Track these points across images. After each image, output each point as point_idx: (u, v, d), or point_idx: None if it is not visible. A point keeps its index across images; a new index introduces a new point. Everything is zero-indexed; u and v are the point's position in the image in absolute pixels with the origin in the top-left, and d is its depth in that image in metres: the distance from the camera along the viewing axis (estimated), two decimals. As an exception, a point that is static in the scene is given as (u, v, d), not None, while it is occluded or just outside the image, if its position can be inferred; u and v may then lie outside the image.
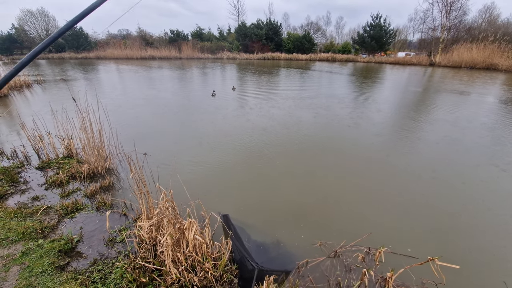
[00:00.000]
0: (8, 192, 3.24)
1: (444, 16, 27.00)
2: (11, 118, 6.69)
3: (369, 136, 5.52)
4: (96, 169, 3.68)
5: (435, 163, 4.25)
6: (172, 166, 3.87)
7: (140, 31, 41.27)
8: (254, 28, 38.67)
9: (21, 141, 4.70)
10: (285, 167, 4.09)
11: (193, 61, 30.79)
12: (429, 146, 4.99)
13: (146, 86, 12.46)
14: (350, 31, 55.91)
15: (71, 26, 1.06)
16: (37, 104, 8.25)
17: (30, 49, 37.96)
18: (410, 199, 3.27)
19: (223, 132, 5.69)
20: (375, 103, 8.75)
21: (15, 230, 2.51)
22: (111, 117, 4.51)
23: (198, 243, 2.06)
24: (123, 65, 24.85)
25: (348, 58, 36.63)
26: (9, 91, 10.59)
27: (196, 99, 9.36)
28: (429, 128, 6.13)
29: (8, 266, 2.11)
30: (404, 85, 13.47)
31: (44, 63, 27.27)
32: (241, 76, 16.69)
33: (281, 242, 2.54)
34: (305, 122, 6.41)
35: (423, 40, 31.61)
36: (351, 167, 4.12)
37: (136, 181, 2.36)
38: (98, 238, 2.48)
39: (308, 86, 12.61)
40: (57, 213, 2.82)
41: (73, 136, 4.32)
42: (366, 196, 3.33)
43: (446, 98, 9.68)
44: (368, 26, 37.34)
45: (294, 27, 51.15)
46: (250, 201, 3.21)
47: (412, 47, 46.05)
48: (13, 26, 37.21)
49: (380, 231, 2.67)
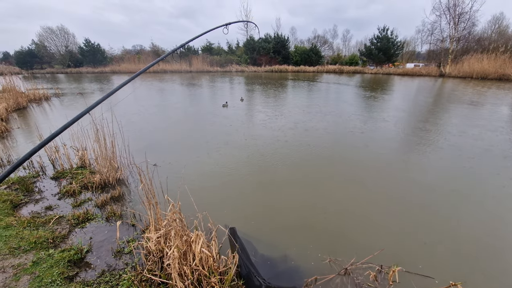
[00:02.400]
0: (23, 202, 3.34)
1: (452, 28, 26.94)
2: (29, 130, 7.01)
3: (380, 147, 5.43)
4: (108, 180, 3.77)
5: (452, 177, 4.10)
6: (181, 177, 3.91)
7: (153, 46, 43.24)
8: (262, 42, 39.75)
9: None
10: (293, 179, 4.06)
11: (203, 74, 31.70)
12: (445, 158, 4.85)
13: (157, 98, 12.86)
14: (357, 44, 56.56)
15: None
16: (54, 116, 8.64)
17: (49, 64, 40.38)
18: (426, 215, 3.15)
19: (232, 143, 5.74)
20: (386, 114, 8.65)
21: (27, 239, 2.57)
22: (123, 129, 4.65)
23: (204, 257, 2.04)
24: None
25: (356, 69, 36.79)
26: (28, 103, 11.16)
27: (206, 110, 9.56)
28: (445, 139, 5.97)
29: (18, 276, 2.14)
30: (414, 95, 13.31)
31: (62, 77, 28.75)
32: (249, 89, 17.00)
33: (289, 257, 2.48)
34: (314, 134, 6.40)
35: (431, 51, 31.47)
36: (362, 180, 4.04)
37: (146, 192, 2.40)
38: (106, 249, 2.50)
39: (316, 97, 12.66)
40: (68, 222, 2.88)
41: (87, 147, 4.48)
42: (378, 210, 3.23)
43: (459, 109, 9.47)
44: (375, 39, 37.69)
45: (301, 40, 52.27)
46: (258, 214, 3.18)
47: (421, 58, 45.87)
48: (33, 42, 39.74)
49: (393, 247, 2.57)
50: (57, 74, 34.31)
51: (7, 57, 43.87)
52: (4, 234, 2.62)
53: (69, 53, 39.77)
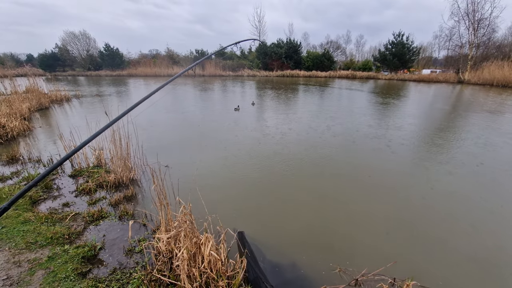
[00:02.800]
0: (42, 198, 3.49)
1: (471, 34, 26.03)
2: (50, 129, 7.36)
3: (394, 158, 5.28)
4: (122, 179, 3.88)
5: (472, 189, 3.92)
6: (192, 179, 3.96)
7: (168, 50, 44.53)
8: (274, 47, 40.02)
9: (57, 150, 5.12)
10: (305, 187, 4.01)
11: (215, 78, 32.23)
12: (465, 170, 4.64)
13: (171, 101, 13.18)
14: (370, 49, 55.76)
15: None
16: (74, 117, 9.04)
17: (71, 67, 42.44)
18: (443, 229, 3.01)
19: (244, 147, 5.77)
20: (401, 121, 8.43)
21: (44, 234, 2.67)
22: (138, 130, 4.80)
23: (213, 260, 2.05)
24: (152, 82, 26.66)
25: (369, 75, 36.18)
26: (50, 104, 11.75)
27: (218, 114, 9.68)
28: (464, 151, 5.73)
29: (33, 270, 2.21)
30: (432, 103, 12.90)
31: (83, 80, 30.10)
32: (261, 93, 17.09)
33: (297, 264, 2.44)
34: (326, 142, 6.32)
35: (449, 57, 30.52)
36: (375, 190, 3.93)
37: (158, 193, 2.45)
38: (118, 247, 2.56)
39: (327, 103, 12.54)
40: (83, 219, 2.98)
41: (103, 147, 4.64)
42: (391, 222, 3.13)
43: (480, 118, 9.08)
44: (389, 44, 37.00)
45: (313, 46, 52.15)
46: (267, 220, 3.16)
47: (438, 64, 44.52)
48: (56, 45, 41.95)
49: (407, 261, 2.47)
50: (78, 77, 35.98)
51: (31, 59, 46.48)
52: (22, 229, 2.73)
53: (89, 57, 41.69)
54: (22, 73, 28.87)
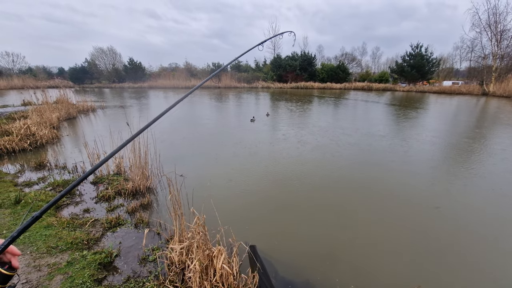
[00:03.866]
0: (65, 203, 3.67)
1: (495, 45, 24.99)
2: (76, 137, 7.83)
3: (415, 177, 5.02)
4: (139, 187, 4.00)
5: (501, 212, 3.63)
6: (206, 189, 4.00)
7: (186, 64, 46.57)
8: (288, 59, 40.62)
9: (82, 158, 5.41)
10: (321, 204, 3.87)
11: (230, 90, 33.04)
12: (492, 191, 4.33)
13: (188, 112, 13.62)
14: (387, 61, 54.96)
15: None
16: (98, 126, 9.57)
17: (98, 80, 45.48)
18: (467, 255, 2.79)
19: (259, 159, 5.77)
20: (421, 135, 8.09)
21: (65, 239, 2.77)
22: (156, 140, 4.97)
23: (225, 273, 2.02)
24: (170, 93, 27.83)
25: (386, 87, 35.46)
26: (78, 114, 12.56)
27: (233, 125, 9.84)
28: (490, 168, 5.37)
29: (52, 275, 2.26)
30: (460, 116, 12.32)
31: (107, 91, 32.03)
32: (275, 104, 17.22)
33: (311, 283, 2.34)
34: (342, 155, 6.19)
35: (472, 69, 29.31)
36: (395, 211, 3.71)
37: (173, 202, 2.50)
38: (133, 255, 2.60)
39: (342, 116, 12.36)
40: (102, 226, 3.08)
41: (123, 156, 4.84)
42: (411, 247, 2.94)
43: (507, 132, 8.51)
44: (407, 56, 36.33)
45: (328, 58, 52.38)
46: (281, 235, 3.09)
47: (460, 76, 42.84)
48: (86, 60, 45.37)
49: (429, 285, 2.29)
50: (103, 89, 38.36)
51: (62, 72, 50.37)
52: (44, 234, 2.85)
53: (115, 70, 44.55)
54: (54, 85, 31.34)
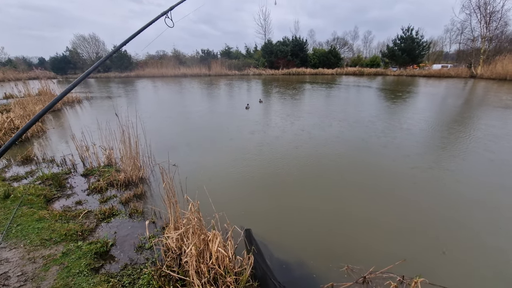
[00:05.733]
0: (56, 196, 3.62)
1: (484, 27, 25.16)
2: (63, 130, 7.59)
3: (403, 154, 5.18)
4: (131, 178, 3.97)
5: (481, 186, 3.82)
6: (200, 177, 4.02)
7: (174, 51, 44.95)
8: (279, 45, 39.79)
9: (70, 150, 5.28)
10: (312, 185, 4.00)
11: (221, 78, 32.37)
12: (475, 166, 4.52)
13: (178, 101, 13.34)
14: (378, 45, 54.69)
15: (116, 50, 1.23)
16: (85, 118, 9.28)
17: (82, 70, 43.53)
18: (452, 226, 2.95)
19: (252, 145, 5.79)
20: (411, 118, 8.26)
21: (59, 231, 2.76)
22: (146, 130, 4.89)
23: (221, 256, 2.08)
24: (159, 82, 27.04)
25: (377, 71, 35.51)
26: (63, 106, 12.09)
27: (225, 112, 9.74)
28: (477, 146, 5.57)
29: (48, 266, 2.27)
30: (447, 98, 12.57)
31: (93, 82, 30.81)
32: (267, 91, 17.06)
33: (305, 262, 2.44)
34: (333, 139, 6.27)
35: (461, 51, 29.58)
36: (383, 188, 3.88)
37: (167, 191, 2.50)
38: (129, 244, 2.63)
39: (334, 101, 12.41)
40: (95, 217, 3.08)
41: (113, 147, 4.76)
42: (400, 220, 3.09)
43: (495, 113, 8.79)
44: (398, 39, 36.18)
45: (320, 43, 51.55)
46: (274, 217, 3.17)
47: (449, 59, 43.28)
48: (67, 49, 43.03)
49: (415, 259, 2.44)
50: (88, 79, 36.84)
51: (43, 62, 47.73)
52: (37, 226, 2.83)
53: (99, 59, 42.47)
54: (34, 76, 29.84)
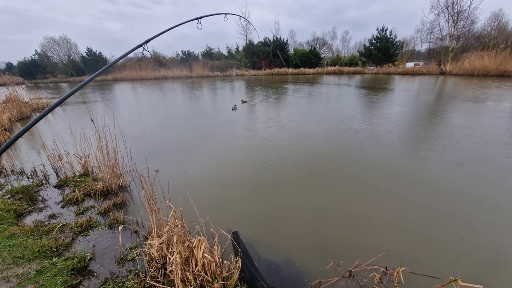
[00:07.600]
0: (27, 211, 3.36)
1: (451, 26, 26.99)
2: (32, 139, 7.08)
3: (382, 148, 5.40)
4: (110, 187, 3.78)
5: (457, 173, 4.07)
6: (183, 182, 3.91)
7: (153, 53, 43.63)
8: (261, 45, 40.03)
9: (41, 161, 4.93)
10: (295, 183, 4.04)
11: (203, 79, 31.93)
12: (450, 155, 4.81)
13: (158, 104, 12.95)
14: (356, 44, 56.80)
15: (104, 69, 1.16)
16: (57, 125, 8.73)
17: (52, 74, 40.96)
18: (431, 214, 3.11)
19: (235, 148, 5.74)
20: (388, 111, 8.63)
21: (31, 248, 2.57)
22: (126, 135, 4.69)
23: (207, 262, 2.03)
24: (138, 85, 26.12)
25: (356, 70, 36.88)
26: (32, 113, 11.30)
27: (207, 115, 9.60)
28: (450, 137, 5.93)
29: (22, 285, 2.14)
30: (416, 94, 13.27)
31: (65, 86, 29.13)
32: (250, 92, 17.06)
33: (292, 261, 2.45)
34: (315, 137, 6.38)
35: (431, 50, 31.51)
36: (362, 181, 4.01)
37: (147, 198, 2.41)
38: (109, 256, 2.49)
39: (316, 99, 12.67)
40: (72, 230, 2.89)
41: (89, 154, 4.51)
42: (381, 212, 3.20)
43: (461, 106, 9.42)
44: (374, 39, 37.79)
45: (300, 43, 52.60)
46: (261, 218, 3.16)
47: (421, 57, 45.85)
48: (36, 52, 40.31)
49: (398, 249, 2.54)
50: (60, 83, 34.78)
51: (10, 67, 44.38)
52: (8, 244, 2.62)
53: (71, 62, 40.35)
54: (1, 83, 27.62)
